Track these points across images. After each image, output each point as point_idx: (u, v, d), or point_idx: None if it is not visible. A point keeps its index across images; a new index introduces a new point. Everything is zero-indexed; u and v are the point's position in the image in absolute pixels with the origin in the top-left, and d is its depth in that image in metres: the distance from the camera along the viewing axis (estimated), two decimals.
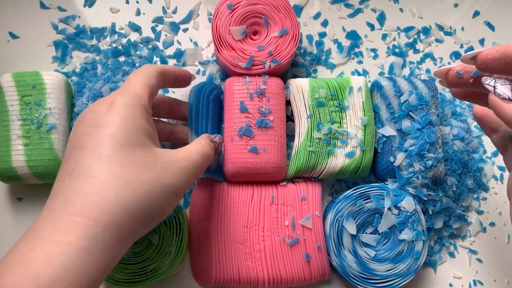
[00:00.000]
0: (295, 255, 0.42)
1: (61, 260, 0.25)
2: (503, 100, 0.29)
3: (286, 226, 0.42)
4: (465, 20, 0.51)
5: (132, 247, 0.41)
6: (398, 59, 0.50)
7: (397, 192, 0.42)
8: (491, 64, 0.29)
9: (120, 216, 0.27)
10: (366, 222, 0.42)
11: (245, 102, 0.43)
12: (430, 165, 0.42)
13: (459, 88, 0.34)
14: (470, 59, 0.30)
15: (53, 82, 0.44)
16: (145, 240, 0.41)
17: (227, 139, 0.43)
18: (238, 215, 0.43)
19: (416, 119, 0.43)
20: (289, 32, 0.44)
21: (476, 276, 0.46)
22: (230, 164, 0.43)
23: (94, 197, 0.27)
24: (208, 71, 0.49)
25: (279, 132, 0.43)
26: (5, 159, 0.42)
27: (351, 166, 0.43)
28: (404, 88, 0.44)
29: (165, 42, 0.50)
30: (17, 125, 0.43)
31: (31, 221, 0.45)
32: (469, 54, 0.30)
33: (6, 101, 0.43)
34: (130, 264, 0.40)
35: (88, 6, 0.50)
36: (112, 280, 0.40)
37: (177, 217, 0.41)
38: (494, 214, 0.48)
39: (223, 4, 0.44)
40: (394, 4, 0.52)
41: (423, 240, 0.42)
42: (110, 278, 0.40)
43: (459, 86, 0.33)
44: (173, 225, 0.41)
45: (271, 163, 0.42)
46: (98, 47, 0.49)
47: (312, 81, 0.44)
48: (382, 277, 0.41)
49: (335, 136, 0.43)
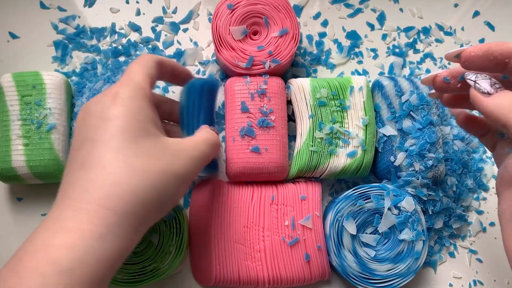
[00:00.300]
0: (295, 255, 0.42)
1: (82, 247, 0.26)
2: (482, 94, 0.30)
3: (286, 226, 0.42)
4: (465, 20, 0.52)
5: None
6: (398, 59, 0.50)
7: (397, 192, 0.42)
8: (475, 61, 0.30)
9: (136, 204, 0.28)
10: (366, 222, 0.42)
11: (246, 102, 0.43)
12: (430, 165, 0.42)
13: (448, 93, 0.35)
14: (455, 57, 0.31)
15: (53, 82, 0.44)
16: (145, 240, 0.41)
17: (228, 140, 0.43)
18: (238, 215, 0.43)
19: (417, 119, 0.43)
20: (289, 32, 0.44)
21: (476, 276, 0.46)
22: (232, 164, 0.43)
23: (111, 186, 0.28)
24: (208, 71, 0.49)
25: (280, 132, 0.43)
26: (5, 159, 0.42)
27: (353, 166, 0.43)
28: (405, 88, 0.44)
29: (165, 42, 0.50)
30: (17, 125, 0.43)
31: (31, 221, 0.46)
32: (453, 52, 0.31)
33: (6, 101, 0.43)
34: (130, 264, 0.40)
35: (88, 6, 0.50)
36: (112, 280, 0.40)
37: (177, 217, 0.41)
38: (494, 214, 0.48)
39: (223, 4, 0.44)
40: (394, 4, 0.52)
41: (423, 240, 0.42)
42: None
43: (448, 91, 0.34)
44: (173, 225, 0.41)
45: (274, 163, 0.42)
46: (98, 47, 0.49)
47: (313, 81, 0.44)
48: (382, 277, 0.41)
49: (336, 136, 0.43)
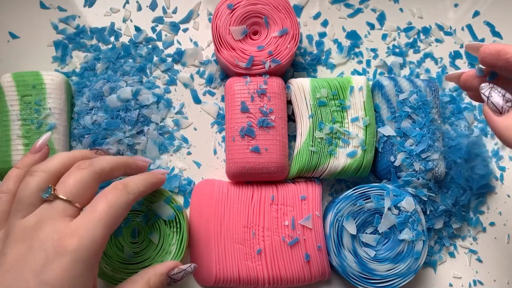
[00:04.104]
0: (295, 255, 0.42)
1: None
2: (494, 113, 0.31)
3: (286, 226, 0.42)
4: (465, 20, 0.52)
5: (132, 247, 0.41)
6: (398, 59, 0.50)
7: (397, 192, 0.42)
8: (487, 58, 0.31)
9: None
10: (366, 222, 0.42)
11: (246, 102, 0.43)
12: (430, 165, 0.42)
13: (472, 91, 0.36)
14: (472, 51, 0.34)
15: (53, 82, 0.44)
16: (145, 240, 0.41)
17: (228, 140, 0.43)
18: (238, 215, 0.43)
19: (417, 119, 0.43)
20: (289, 32, 0.44)
21: (476, 276, 0.46)
22: (232, 164, 0.43)
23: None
24: (208, 71, 0.49)
25: (281, 132, 0.43)
26: (5, 159, 0.42)
27: (353, 166, 0.43)
28: (405, 88, 0.44)
29: (165, 42, 0.50)
30: (17, 125, 0.43)
31: None
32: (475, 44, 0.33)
33: (6, 101, 0.43)
34: (131, 264, 0.40)
35: (88, 6, 0.50)
36: (113, 280, 0.40)
37: (177, 216, 0.41)
38: (494, 214, 0.48)
39: (223, 4, 0.44)
40: (394, 4, 0.52)
41: (423, 240, 0.42)
42: (111, 278, 0.40)
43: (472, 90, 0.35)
44: (174, 225, 0.41)
45: (274, 163, 0.42)
46: (98, 47, 0.49)
47: (313, 81, 0.44)
48: (382, 277, 0.41)
49: (336, 135, 0.43)
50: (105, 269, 0.40)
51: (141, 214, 0.41)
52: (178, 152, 0.48)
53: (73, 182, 0.32)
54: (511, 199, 0.48)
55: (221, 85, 0.49)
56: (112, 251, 0.40)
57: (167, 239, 0.41)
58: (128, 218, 0.41)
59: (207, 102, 0.48)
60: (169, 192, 0.42)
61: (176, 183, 0.46)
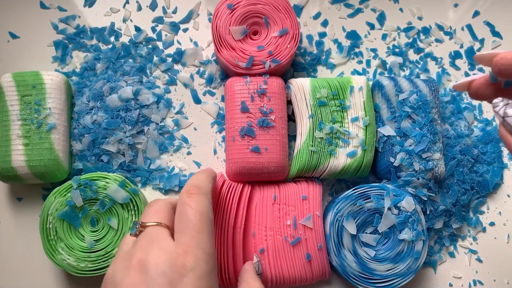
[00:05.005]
0: (297, 254, 0.42)
1: None
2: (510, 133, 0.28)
3: (288, 225, 0.42)
4: (465, 20, 0.52)
5: (92, 235, 0.42)
6: (398, 59, 0.50)
7: (397, 192, 0.42)
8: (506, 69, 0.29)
9: None
10: (366, 222, 0.42)
11: (246, 102, 0.43)
12: (430, 165, 0.42)
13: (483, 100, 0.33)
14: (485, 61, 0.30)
15: (53, 82, 0.44)
16: (105, 226, 0.42)
17: (228, 139, 0.43)
18: (238, 215, 0.43)
19: (417, 119, 0.43)
20: (289, 32, 0.44)
21: (476, 276, 0.46)
22: (232, 164, 0.43)
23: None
24: (208, 71, 0.49)
25: (280, 132, 0.43)
26: (5, 159, 0.42)
27: (353, 165, 0.43)
28: (405, 88, 0.44)
29: (165, 42, 0.50)
30: (17, 125, 0.43)
31: (31, 221, 0.46)
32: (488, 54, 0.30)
33: (6, 101, 0.43)
34: (93, 252, 0.41)
35: (88, 6, 0.50)
36: (77, 270, 0.40)
37: (133, 199, 0.42)
38: (494, 214, 0.48)
39: (223, 4, 0.44)
40: (394, 4, 0.52)
41: (423, 240, 0.42)
42: (75, 268, 0.40)
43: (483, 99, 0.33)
44: (131, 207, 0.42)
45: (274, 163, 0.42)
46: (98, 47, 0.49)
47: (313, 81, 0.44)
48: (382, 277, 0.41)
49: (336, 135, 0.43)
50: (68, 260, 0.41)
51: (97, 202, 0.42)
52: (178, 152, 0.48)
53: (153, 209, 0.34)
54: (511, 199, 0.48)
55: (221, 85, 0.49)
56: (74, 242, 0.41)
57: (126, 222, 0.42)
58: (85, 208, 0.42)
59: (207, 102, 0.49)
60: (122, 177, 0.43)
61: (176, 181, 0.46)
